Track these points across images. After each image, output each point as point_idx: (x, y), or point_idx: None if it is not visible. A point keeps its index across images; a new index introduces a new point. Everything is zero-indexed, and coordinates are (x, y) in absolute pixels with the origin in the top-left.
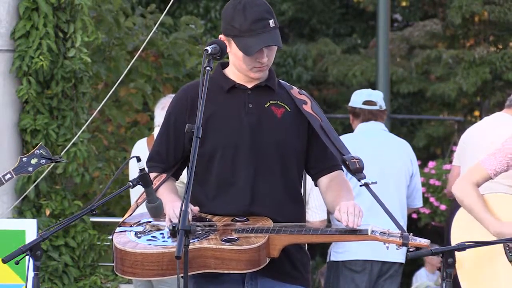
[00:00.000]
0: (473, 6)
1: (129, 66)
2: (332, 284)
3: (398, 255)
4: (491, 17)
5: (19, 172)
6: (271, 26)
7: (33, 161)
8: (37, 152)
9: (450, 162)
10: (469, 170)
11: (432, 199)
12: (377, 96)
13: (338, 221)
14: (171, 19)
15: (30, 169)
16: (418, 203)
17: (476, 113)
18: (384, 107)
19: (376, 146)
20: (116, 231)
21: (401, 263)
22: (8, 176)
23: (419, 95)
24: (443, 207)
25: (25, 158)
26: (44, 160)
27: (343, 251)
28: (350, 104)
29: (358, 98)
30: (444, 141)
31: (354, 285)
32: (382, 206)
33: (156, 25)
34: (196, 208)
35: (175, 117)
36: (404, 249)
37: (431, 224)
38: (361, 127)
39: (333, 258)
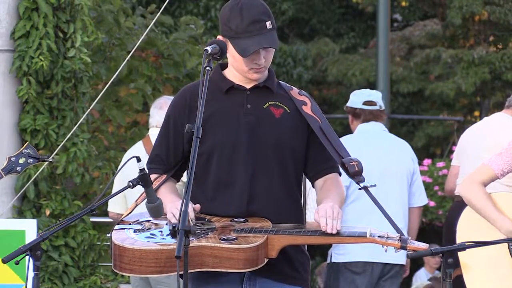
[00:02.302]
0: (473, 6)
1: (123, 64)
2: (332, 285)
3: (399, 257)
4: (492, 17)
5: (8, 172)
6: (268, 27)
7: (21, 160)
8: (24, 152)
9: (449, 161)
10: (476, 170)
11: None
12: (377, 96)
13: (318, 223)
14: (171, 19)
15: (19, 168)
16: (423, 201)
17: (476, 113)
18: (383, 107)
19: (378, 146)
20: (115, 228)
21: (402, 265)
22: None
23: (419, 95)
24: (432, 203)
25: (14, 158)
26: (31, 160)
27: (344, 253)
28: (349, 104)
29: (357, 99)
30: (444, 141)
31: (354, 287)
32: (380, 209)
33: (152, 22)
34: (198, 206)
35: (174, 119)
36: (404, 251)
37: (422, 222)
38: (361, 128)
39: (334, 260)
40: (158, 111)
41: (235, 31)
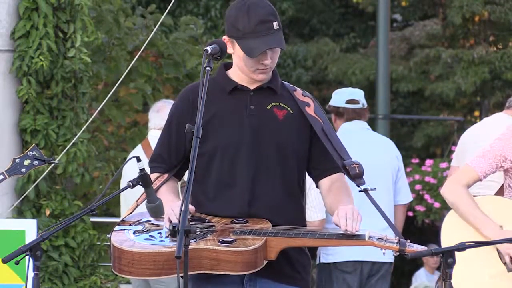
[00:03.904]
0: (473, 6)
1: (129, 67)
2: (325, 286)
3: (387, 255)
4: (492, 17)
5: (12, 173)
6: (275, 28)
7: (26, 162)
8: (30, 153)
9: (449, 161)
10: (459, 172)
11: (427, 197)
12: (359, 95)
13: (337, 225)
14: (171, 18)
15: (23, 170)
16: (408, 198)
17: (476, 113)
18: (366, 105)
19: (362, 145)
20: (114, 229)
21: (391, 263)
22: (1, 177)
23: (419, 94)
24: (437, 204)
25: (18, 159)
26: (37, 162)
27: (332, 253)
28: (332, 103)
29: (340, 98)
30: (444, 141)
31: (346, 286)
32: (380, 212)
33: (157, 25)
34: (192, 208)
35: (177, 118)
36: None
37: (425, 222)
38: (345, 127)
39: (323, 260)
40: (156, 114)
41: (242, 31)
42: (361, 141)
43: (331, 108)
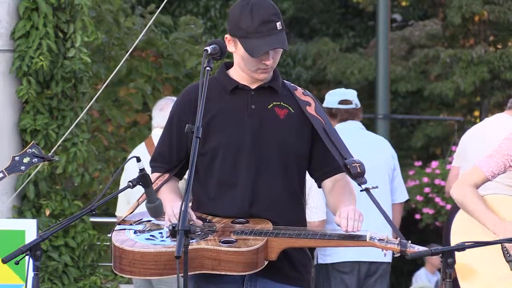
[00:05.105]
0: (473, 6)
1: (121, 63)
2: (323, 287)
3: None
4: (491, 17)
5: (11, 171)
6: (278, 28)
7: (26, 160)
8: (29, 151)
9: (450, 162)
10: (467, 172)
11: (437, 199)
12: (352, 95)
13: (339, 225)
14: (170, 19)
15: (23, 168)
16: (405, 196)
17: (476, 113)
18: (359, 105)
19: (357, 145)
20: (115, 229)
21: (389, 263)
22: (1, 175)
23: (418, 94)
24: (449, 207)
25: (18, 157)
26: (36, 159)
27: (330, 254)
28: (325, 105)
29: (333, 98)
30: (444, 141)
31: (344, 286)
32: (381, 211)
33: (151, 21)
34: (191, 213)
35: (178, 118)
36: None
37: (433, 224)
38: (339, 128)
39: (320, 261)
40: (159, 113)
41: (245, 31)
42: (356, 141)
43: (325, 109)
